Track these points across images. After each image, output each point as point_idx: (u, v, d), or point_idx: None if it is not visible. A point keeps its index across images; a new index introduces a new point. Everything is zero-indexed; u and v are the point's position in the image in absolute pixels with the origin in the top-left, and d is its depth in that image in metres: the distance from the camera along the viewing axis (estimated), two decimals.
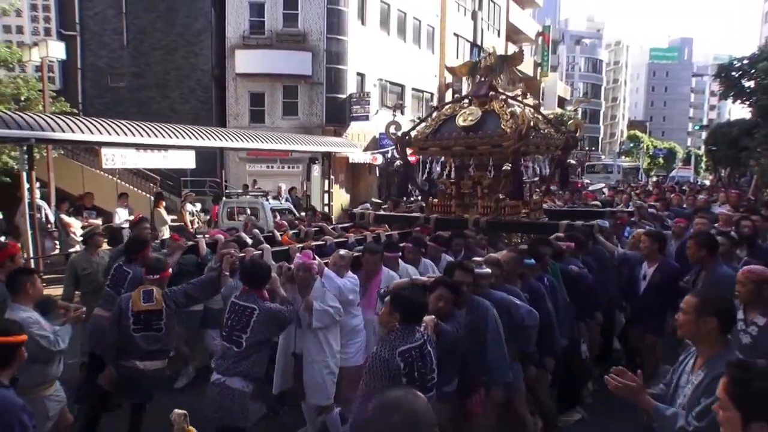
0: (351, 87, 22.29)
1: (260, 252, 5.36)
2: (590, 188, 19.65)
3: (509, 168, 7.15)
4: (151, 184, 18.54)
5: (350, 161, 21.81)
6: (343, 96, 21.93)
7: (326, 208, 16.52)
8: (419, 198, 9.31)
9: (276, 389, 4.79)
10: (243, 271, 4.44)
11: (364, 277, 5.16)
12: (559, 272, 5.37)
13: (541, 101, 45.43)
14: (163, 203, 13.50)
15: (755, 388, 1.83)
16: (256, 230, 7.27)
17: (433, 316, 3.61)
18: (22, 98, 15.63)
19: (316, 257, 4.84)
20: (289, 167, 21.01)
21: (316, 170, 18.90)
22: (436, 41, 28.69)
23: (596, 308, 5.87)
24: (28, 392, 3.85)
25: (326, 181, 18.13)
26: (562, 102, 50.11)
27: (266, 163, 20.89)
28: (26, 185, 10.81)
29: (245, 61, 20.90)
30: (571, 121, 8.22)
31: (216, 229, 8.08)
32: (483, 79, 7.64)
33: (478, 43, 32.43)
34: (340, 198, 21.59)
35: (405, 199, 10.32)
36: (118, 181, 17.78)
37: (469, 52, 31.76)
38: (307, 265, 4.61)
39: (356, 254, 5.34)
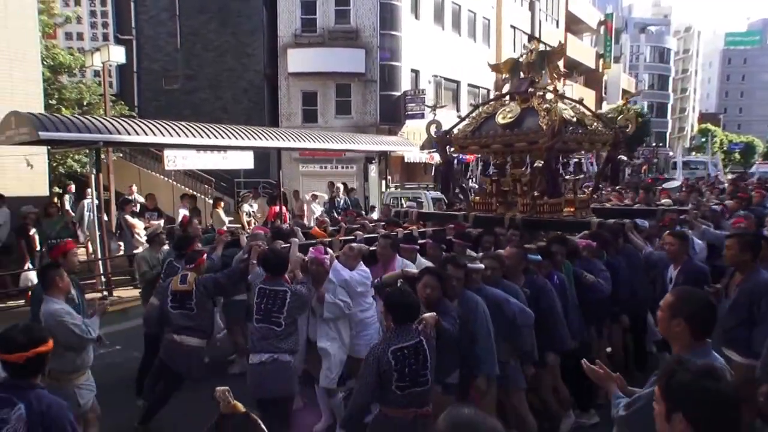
0: (405, 84, 22.61)
1: (288, 245, 5.79)
2: (664, 185, 19.24)
3: (542, 165, 7.23)
4: (206, 186, 19.36)
5: (405, 160, 22.10)
6: (398, 93, 22.26)
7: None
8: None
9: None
10: (264, 260, 4.98)
11: (381, 269, 5.51)
12: (572, 273, 5.48)
13: (603, 95, 44.75)
14: (222, 204, 14.21)
15: (677, 380, 1.92)
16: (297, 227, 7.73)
17: (434, 314, 3.90)
18: (85, 103, 16.71)
19: (330, 251, 5.33)
20: (343, 167, 21.37)
21: (374, 170, 19.24)
22: (492, 34, 28.75)
23: (605, 317, 5.92)
24: (61, 379, 4.36)
25: (383, 182, 18.51)
26: (626, 96, 49.09)
27: (320, 163, 21.37)
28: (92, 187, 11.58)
29: (297, 60, 21.51)
30: (620, 116, 8.20)
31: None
32: (524, 75, 7.82)
33: (536, 34, 32.08)
34: None
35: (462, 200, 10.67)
36: (174, 183, 18.66)
37: (526, 44, 31.39)
38: (318, 259, 5.12)
39: (373, 248, 5.78)
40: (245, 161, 13.92)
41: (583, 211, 7.78)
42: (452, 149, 8.40)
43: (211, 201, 15.17)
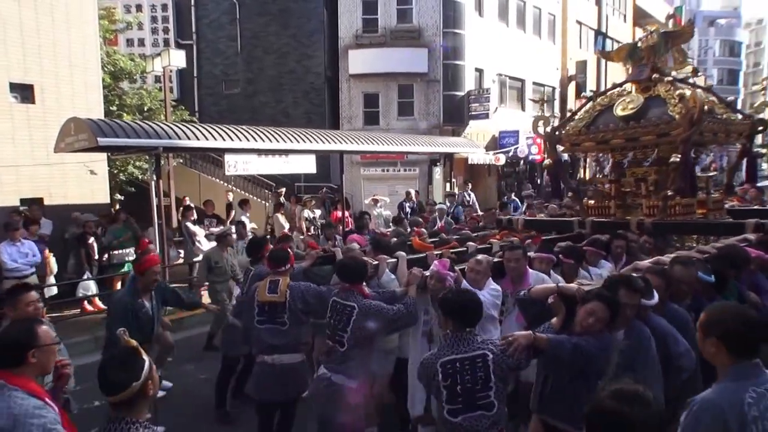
0: (469, 84, 21.67)
1: (395, 259, 5.15)
2: None
3: (678, 160, 6.47)
4: (267, 191, 18.85)
5: (469, 162, 21.10)
6: (461, 93, 21.34)
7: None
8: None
9: (415, 412, 4.46)
10: (341, 266, 4.45)
11: (510, 284, 4.79)
12: (737, 295, 4.36)
13: None
14: (282, 210, 13.59)
15: (596, 403, 1.93)
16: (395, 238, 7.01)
17: (529, 332, 3.27)
18: (146, 108, 16.41)
19: (455, 269, 4.52)
20: (405, 170, 20.67)
21: (438, 173, 18.35)
22: (557, 31, 27.47)
23: None
24: None
25: (447, 184, 17.58)
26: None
27: (381, 166, 20.65)
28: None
29: (358, 60, 20.80)
30: (759, 102, 7.63)
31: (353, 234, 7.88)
32: (644, 61, 7.11)
33: (603, 30, 30.73)
34: None
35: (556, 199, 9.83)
36: (234, 188, 18.23)
37: (593, 40, 30.17)
38: (441, 275, 4.30)
39: (497, 260, 5.02)
40: (307, 165, 13.21)
41: (717, 212, 6.99)
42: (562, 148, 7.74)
43: (274, 205, 14.56)
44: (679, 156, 6.35)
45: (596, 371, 3.27)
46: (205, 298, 8.31)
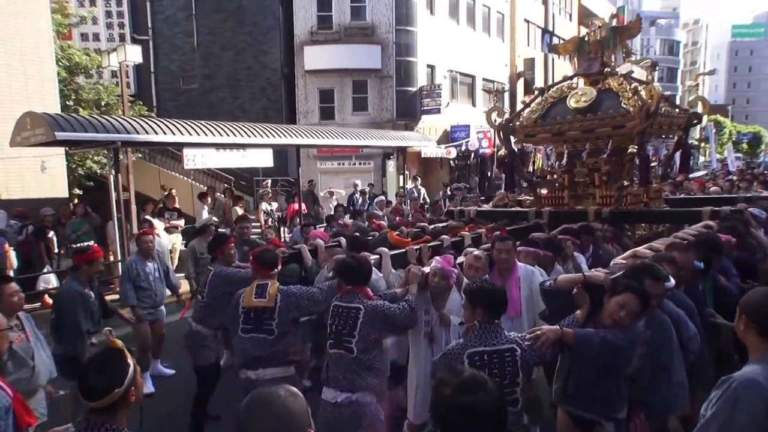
0: (421, 80, 22.02)
1: (378, 256, 4.89)
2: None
3: (634, 151, 6.48)
4: (225, 185, 18.80)
5: (422, 156, 21.46)
6: (414, 89, 21.67)
7: (403, 205, 16.26)
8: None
9: (417, 419, 3.98)
10: (344, 267, 3.95)
11: (498, 276, 4.55)
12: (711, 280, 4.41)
13: None
14: (241, 203, 13.64)
15: (436, 396, 1.91)
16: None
17: (556, 327, 3.08)
18: (103, 103, 16.19)
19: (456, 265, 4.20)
20: (360, 164, 20.93)
21: (392, 166, 18.63)
22: (506, 29, 28.04)
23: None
24: None
25: (401, 177, 17.93)
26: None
27: (337, 160, 20.89)
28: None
29: (314, 57, 20.92)
30: (693, 97, 7.75)
31: (314, 229, 7.74)
32: (593, 55, 7.25)
33: (550, 28, 31.52)
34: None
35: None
36: (194, 182, 18.15)
37: (540, 38, 30.94)
38: (446, 272, 3.93)
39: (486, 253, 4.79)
40: (265, 159, 13.36)
41: (657, 201, 7.19)
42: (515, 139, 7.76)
43: (230, 200, 14.58)
44: (636, 147, 6.44)
45: (623, 363, 3.18)
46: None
